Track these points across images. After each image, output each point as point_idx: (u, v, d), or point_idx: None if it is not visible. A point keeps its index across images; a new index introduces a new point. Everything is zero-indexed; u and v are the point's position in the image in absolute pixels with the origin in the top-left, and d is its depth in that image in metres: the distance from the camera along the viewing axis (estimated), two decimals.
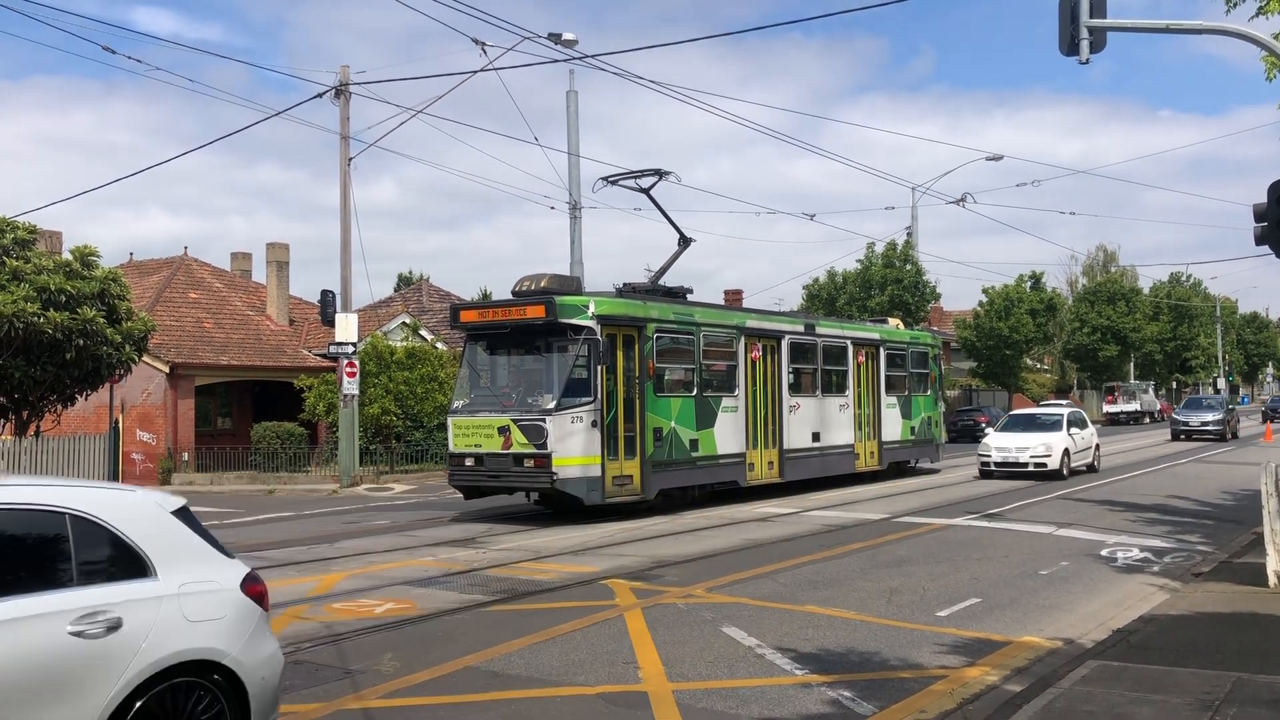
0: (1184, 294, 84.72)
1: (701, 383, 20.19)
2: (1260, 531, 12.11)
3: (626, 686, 7.87)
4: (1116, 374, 72.62)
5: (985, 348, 56.90)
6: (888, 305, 48.53)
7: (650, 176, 21.82)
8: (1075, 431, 26.46)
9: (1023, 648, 9.02)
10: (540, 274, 19.00)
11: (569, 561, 13.90)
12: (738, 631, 9.57)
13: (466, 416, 18.44)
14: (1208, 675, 7.69)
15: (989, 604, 10.82)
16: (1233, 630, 9.27)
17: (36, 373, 20.33)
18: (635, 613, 10.39)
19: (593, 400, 17.50)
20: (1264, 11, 14.46)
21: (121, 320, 21.55)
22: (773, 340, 22.46)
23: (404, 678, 8.13)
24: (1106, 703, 7.04)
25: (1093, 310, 71.16)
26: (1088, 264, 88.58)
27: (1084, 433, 27.14)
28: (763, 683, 7.96)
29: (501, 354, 19.49)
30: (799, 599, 11.13)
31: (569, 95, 30.01)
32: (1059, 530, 16.29)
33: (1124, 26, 13.39)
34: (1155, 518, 17.92)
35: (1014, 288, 58.27)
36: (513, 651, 8.92)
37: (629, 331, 18.49)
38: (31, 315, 19.41)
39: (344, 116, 26.47)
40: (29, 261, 20.57)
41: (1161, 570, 12.88)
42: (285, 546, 15.97)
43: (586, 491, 17.48)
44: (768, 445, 22.08)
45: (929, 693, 7.68)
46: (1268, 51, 13.59)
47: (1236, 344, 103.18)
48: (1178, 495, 21.61)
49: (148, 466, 31.27)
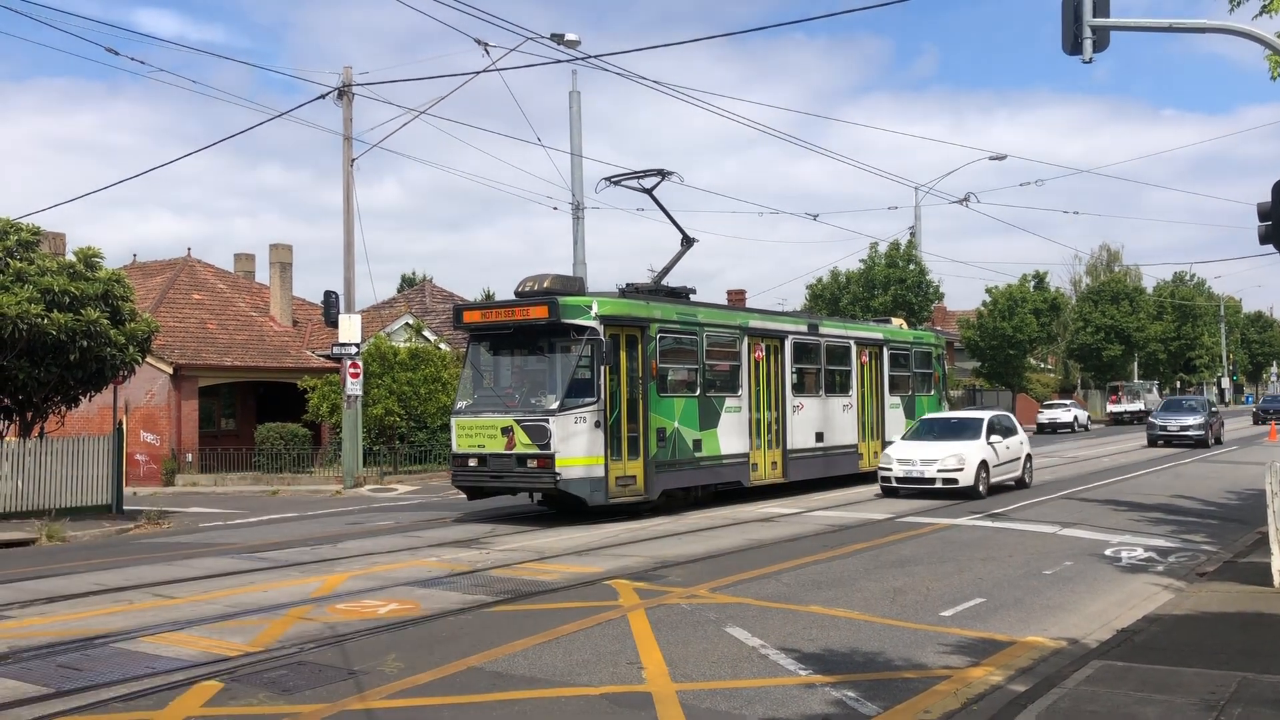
0: (1188, 293, 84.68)
1: (705, 383, 20.18)
2: (1265, 531, 12.08)
3: (630, 687, 7.87)
4: (1120, 374, 72.56)
5: (989, 348, 56.89)
6: (891, 305, 48.53)
7: (653, 177, 21.82)
8: (997, 440, 22.20)
9: (1027, 648, 9.00)
10: (543, 274, 19.00)
11: (572, 562, 13.89)
12: (742, 632, 9.56)
13: (470, 417, 18.44)
14: (1213, 675, 7.67)
15: (993, 604, 10.81)
16: (1238, 630, 9.25)
17: (40, 374, 20.34)
18: (639, 613, 10.38)
19: (596, 401, 17.49)
20: (1268, 10, 14.43)
21: (125, 321, 21.56)
22: (776, 340, 22.45)
23: (408, 678, 8.12)
24: (1111, 703, 7.02)
25: (1096, 310, 71.10)
26: (1091, 263, 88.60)
27: (1009, 441, 22.85)
28: (767, 683, 7.95)
29: (505, 354, 19.49)
30: (803, 599, 11.12)
31: (572, 96, 30.02)
32: (1063, 530, 16.27)
33: (1127, 25, 13.38)
34: (1159, 517, 17.88)
35: (1017, 287, 58.27)
36: (516, 652, 8.91)
37: (632, 332, 18.49)
38: (35, 316, 19.42)
39: (347, 117, 26.51)
40: (33, 263, 20.58)
41: (1166, 570, 12.86)
42: (289, 547, 15.99)
43: (590, 492, 17.48)
44: (771, 445, 22.07)
45: (933, 693, 7.66)
46: (1272, 50, 13.57)
47: (1240, 343, 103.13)
48: (1182, 495, 21.57)
49: (151, 468, 31.32)
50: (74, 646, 9.31)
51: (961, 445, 21.56)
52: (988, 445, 21.83)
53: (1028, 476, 23.64)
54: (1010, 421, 24.05)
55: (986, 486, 21.37)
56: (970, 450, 21.43)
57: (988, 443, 21.86)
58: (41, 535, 17.64)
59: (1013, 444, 23.06)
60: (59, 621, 10.51)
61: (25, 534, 17.75)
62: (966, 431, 22.32)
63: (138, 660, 8.84)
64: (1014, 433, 23.54)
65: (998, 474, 22.01)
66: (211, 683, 8.08)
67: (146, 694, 7.86)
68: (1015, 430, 23.78)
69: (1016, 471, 23.13)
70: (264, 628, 10.02)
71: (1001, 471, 22.25)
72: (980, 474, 21.29)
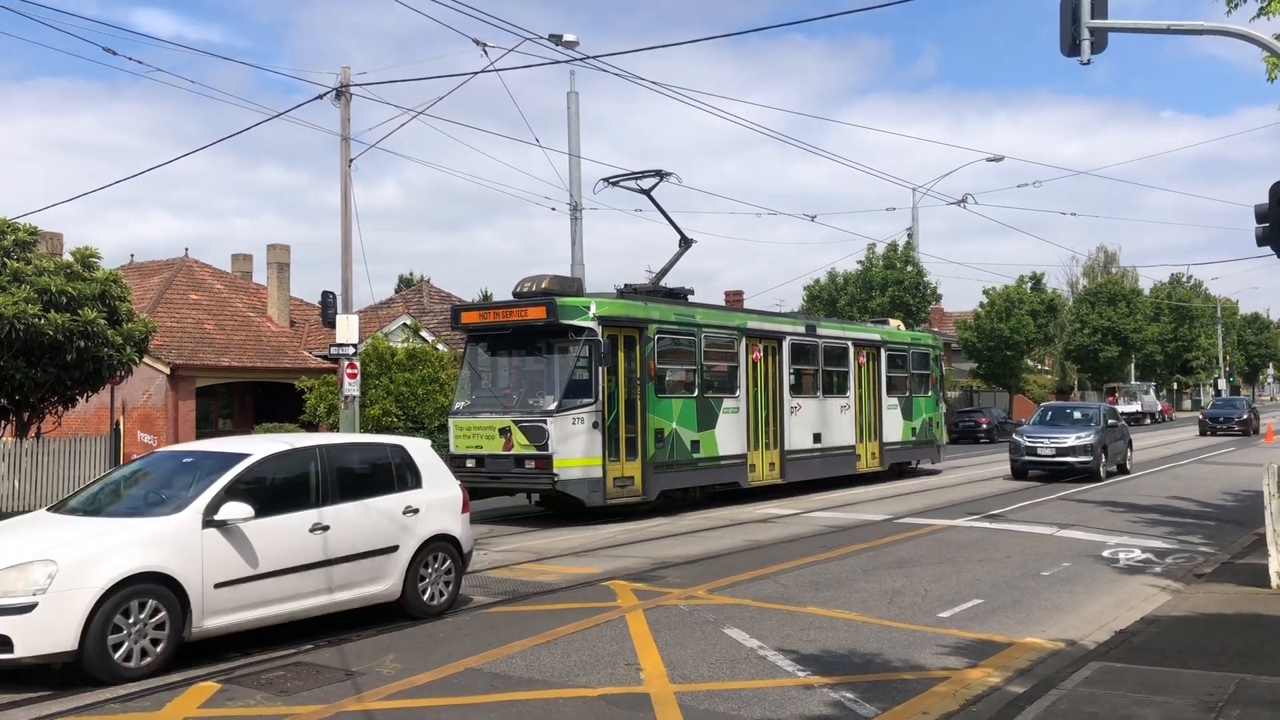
0: (1185, 295, 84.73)
1: (703, 384, 20.18)
2: (1262, 532, 12.11)
3: (629, 688, 7.86)
4: (1117, 375, 72.62)
5: (986, 349, 56.88)
6: (888, 306, 48.51)
7: (651, 177, 21.83)
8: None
9: (1025, 649, 9.01)
10: (541, 275, 19.00)
11: (570, 563, 13.89)
12: (740, 633, 9.56)
13: (467, 418, 18.43)
14: (1211, 676, 7.68)
15: (991, 605, 10.81)
16: (1235, 631, 9.26)
17: (37, 374, 20.30)
18: (637, 614, 10.38)
19: (594, 401, 17.49)
20: (1265, 12, 14.49)
21: (122, 322, 21.51)
22: (774, 341, 22.45)
23: (406, 679, 8.12)
24: (1109, 704, 7.03)
25: (1093, 311, 71.16)
26: (1088, 265, 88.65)
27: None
28: (765, 684, 7.95)
29: (502, 355, 19.48)
30: (801, 600, 11.12)
31: (569, 96, 30.00)
32: (1060, 531, 16.28)
33: (1125, 27, 13.39)
34: (1157, 519, 17.90)
35: (1015, 289, 58.24)
36: (515, 653, 8.91)
37: (630, 333, 18.49)
38: (32, 317, 19.38)
39: (344, 118, 26.46)
40: (30, 263, 20.53)
41: (1163, 571, 12.87)
42: None
43: (588, 493, 17.47)
44: (769, 446, 22.07)
45: (931, 694, 7.67)
46: (1269, 52, 13.59)
47: (1237, 345, 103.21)
48: (1179, 496, 21.60)
49: None
50: None
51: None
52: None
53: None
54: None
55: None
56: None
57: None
58: None
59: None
60: None
61: None
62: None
63: None
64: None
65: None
66: (209, 684, 8.07)
67: (144, 694, 7.85)
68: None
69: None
70: None
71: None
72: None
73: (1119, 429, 27.11)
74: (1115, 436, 26.33)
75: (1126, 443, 27.45)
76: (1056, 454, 24.74)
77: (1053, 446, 24.81)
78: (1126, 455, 27.28)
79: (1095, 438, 24.87)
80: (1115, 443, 26.17)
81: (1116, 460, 26.23)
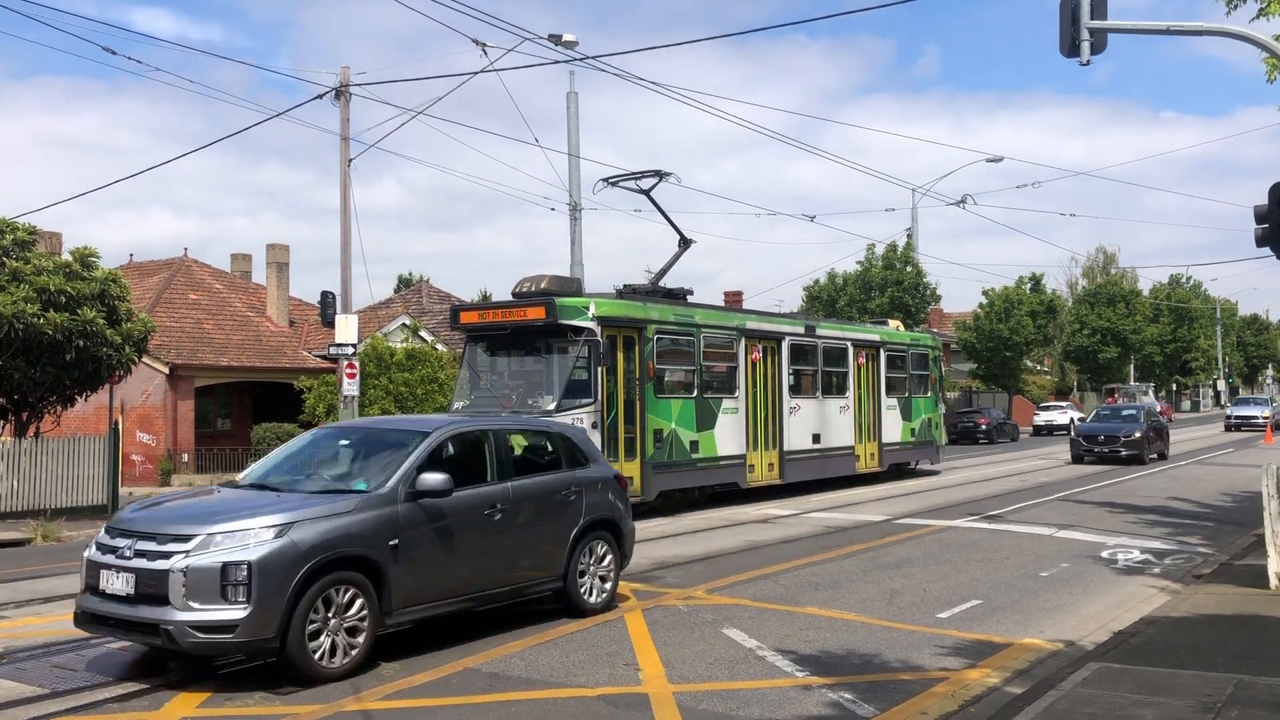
0: (1184, 296, 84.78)
1: (702, 384, 20.18)
2: (1261, 533, 12.11)
3: (627, 688, 7.86)
4: (1116, 376, 72.64)
5: (985, 349, 56.89)
6: (888, 307, 48.51)
7: (650, 178, 21.83)
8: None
9: (1024, 650, 9.01)
10: (540, 275, 18.99)
11: None
12: (738, 633, 9.56)
13: None
14: (1209, 677, 7.68)
15: (990, 606, 10.81)
16: (1234, 632, 9.25)
17: (36, 373, 20.31)
18: (636, 614, 10.37)
19: (593, 402, 17.49)
20: (1265, 13, 14.49)
21: (121, 321, 21.52)
22: (773, 342, 22.45)
23: (404, 679, 8.11)
24: (1108, 705, 7.02)
25: (1093, 312, 71.18)
26: (1088, 266, 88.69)
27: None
28: (764, 684, 7.95)
29: (501, 355, 19.48)
30: (800, 600, 11.12)
31: (569, 96, 30.02)
32: (1059, 532, 16.28)
33: (1125, 28, 13.40)
34: (1155, 519, 17.90)
35: (1014, 289, 58.26)
36: (513, 653, 8.90)
37: (629, 333, 18.48)
38: (31, 316, 19.39)
39: (344, 117, 26.46)
40: (29, 262, 20.54)
41: (1162, 572, 12.87)
42: None
43: None
44: (768, 447, 22.07)
45: (930, 695, 7.66)
46: (1269, 53, 13.60)
47: (1236, 346, 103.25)
48: (1178, 497, 21.60)
49: (147, 468, 31.27)
50: (69, 647, 9.27)
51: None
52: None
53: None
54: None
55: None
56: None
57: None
58: (36, 535, 17.61)
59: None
60: (54, 621, 10.46)
61: (20, 534, 17.71)
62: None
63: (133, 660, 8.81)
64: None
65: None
66: (207, 683, 8.06)
67: (142, 694, 7.84)
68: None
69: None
70: None
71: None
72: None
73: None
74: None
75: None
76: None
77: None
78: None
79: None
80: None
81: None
